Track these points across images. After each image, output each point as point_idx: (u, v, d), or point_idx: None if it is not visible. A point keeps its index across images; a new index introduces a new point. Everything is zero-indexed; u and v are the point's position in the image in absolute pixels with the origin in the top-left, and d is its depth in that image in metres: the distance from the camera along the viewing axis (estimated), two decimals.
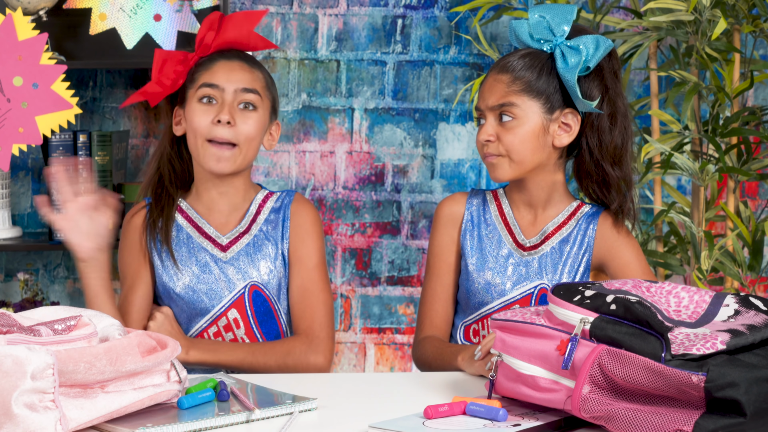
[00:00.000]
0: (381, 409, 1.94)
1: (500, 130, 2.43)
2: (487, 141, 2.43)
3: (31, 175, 3.70)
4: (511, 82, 2.43)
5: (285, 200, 2.58)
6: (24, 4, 3.33)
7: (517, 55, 2.45)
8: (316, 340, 2.48)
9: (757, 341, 1.78)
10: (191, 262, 2.52)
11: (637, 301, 1.80)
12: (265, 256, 2.53)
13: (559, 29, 2.43)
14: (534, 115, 2.43)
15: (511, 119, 2.42)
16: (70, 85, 3.19)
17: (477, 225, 2.52)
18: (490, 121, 2.44)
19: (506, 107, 2.42)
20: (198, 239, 2.53)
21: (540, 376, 1.85)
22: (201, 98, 2.50)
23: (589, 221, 2.50)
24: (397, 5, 3.80)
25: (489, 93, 2.44)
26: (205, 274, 2.51)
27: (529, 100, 2.42)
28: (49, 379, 1.71)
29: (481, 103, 2.46)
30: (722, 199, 3.65)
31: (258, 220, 2.56)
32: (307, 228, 2.55)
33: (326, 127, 3.81)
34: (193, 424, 1.83)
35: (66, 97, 3.13)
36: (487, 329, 2.48)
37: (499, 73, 2.45)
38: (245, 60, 2.54)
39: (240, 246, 2.53)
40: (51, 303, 3.62)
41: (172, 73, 2.52)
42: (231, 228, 2.55)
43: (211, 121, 2.48)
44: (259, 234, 2.54)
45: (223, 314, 2.51)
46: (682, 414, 1.70)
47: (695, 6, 3.19)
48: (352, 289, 3.83)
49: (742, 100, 3.43)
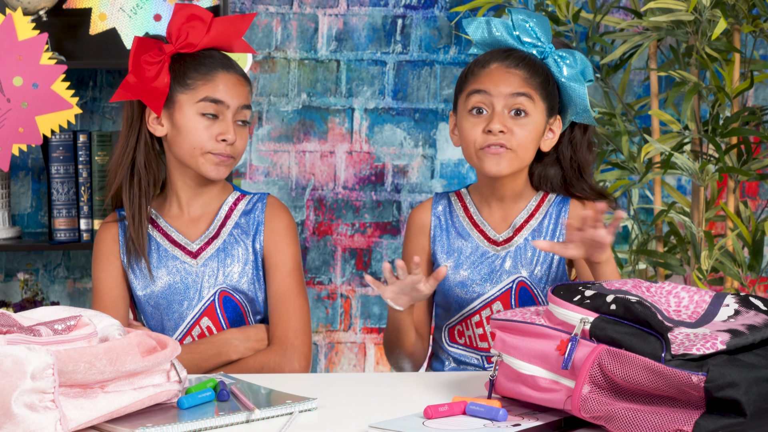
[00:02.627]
0: (381, 409, 1.94)
1: (513, 124, 2.42)
2: (501, 132, 2.42)
3: (31, 175, 3.70)
4: (528, 77, 2.42)
5: (257, 203, 2.56)
6: (24, 4, 3.33)
7: (522, 55, 2.45)
8: (291, 349, 2.47)
9: (757, 341, 1.78)
10: (163, 272, 2.51)
11: (637, 301, 1.80)
12: (234, 260, 2.51)
13: (545, 36, 2.46)
14: (540, 115, 2.44)
15: (524, 115, 2.42)
16: (70, 85, 3.19)
17: (445, 229, 2.53)
18: (503, 113, 2.42)
19: (523, 98, 2.41)
20: (168, 247, 2.52)
21: (540, 376, 1.85)
22: (204, 112, 2.48)
23: (560, 208, 2.51)
24: (397, 5, 3.80)
25: (503, 82, 2.42)
26: (176, 282, 2.50)
27: (541, 101, 2.43)
28: (49, 379, 1.71)
29: (492, 89, 2.42)
30: (722, 199, 3.65)
31: (227, 224, 2.54)
32: (281, 233, 2.54)
33: (326, 127, 3.81)
34: (193, 424, 1.83)
35: (66, 97, 3.13)
36: (471, 329, 2.49)
37: (510, 66, 2.43)
38: (240, 73, 2.52)
39: (211, 251, 2.52)
40: (51, 303, 3.62)
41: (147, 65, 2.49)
42: (200, 233, 2.53)
43: (215, 137, 2.47)
44: (229, 238, 2.53)
45: (196, 323, 2.50)
46: (682, 414, 1.70)
47: (695, 6, 3.19)
48: (352, 289, 3.83)
49: (742, 100, 3.43)
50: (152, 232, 2.53)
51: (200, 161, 2.48)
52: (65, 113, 3.14)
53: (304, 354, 2.48)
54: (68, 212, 3.43)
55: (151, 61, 2.48)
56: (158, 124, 2.51)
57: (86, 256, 3.72)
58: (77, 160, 3.42)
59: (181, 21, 2.49)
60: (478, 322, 2.48)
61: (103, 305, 2.53)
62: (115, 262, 2.53)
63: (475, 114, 2.43)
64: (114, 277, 2.54)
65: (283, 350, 2.47)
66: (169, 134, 2.50)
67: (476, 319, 2.48)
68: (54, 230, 3.43)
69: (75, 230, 3.44)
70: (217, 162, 2.48)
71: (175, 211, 2.54)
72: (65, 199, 3.43)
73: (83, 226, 3.43)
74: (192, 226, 2.54)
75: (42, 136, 3.15)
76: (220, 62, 2.51)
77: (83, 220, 3.43)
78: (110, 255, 2.54)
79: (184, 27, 2.49)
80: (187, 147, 2.48)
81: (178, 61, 2.49)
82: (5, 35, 3.13)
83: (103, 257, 2.55)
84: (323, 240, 3.82)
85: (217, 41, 2.52)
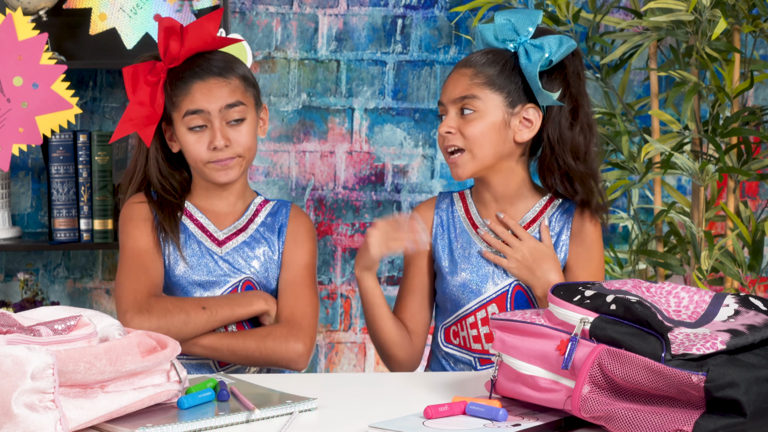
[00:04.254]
0: (381, 409, 1.94)
1: (461, 123, 2.44)
2: (447, 133, 2.44)
3: (31, 175, 3.70)
4: (473, 75, 2.44)
5: (281, 207, 2.62)
6: (24, 4, 3.33)
7: (481, 52, 2.49)
8: (297, 327, 2.49)
9: (757, 341, 1.78)
10: (187, 253, 2.53)
11: (637, 301, 1.80)
12: (258, 256, 2.55)
13: (524, 30, 2.47)
14: (495, 108, 2.44)
15: (472, 112, 2.43)
16: (70, 85, 3.19)
17: (446, 228, 2.53)
18: (452, 115, 2.45)
19: (468, 99, 2.44)
20: (195, 232, 2.55)
21: (540, 376, 1.85)
22: (190, 127, 2.51)
23: (565, 218, 2.50)
24: (397, 5, 3.80)
25: (452, 87, 2.46)
26: (200, 266, 2.53)
27: (491, 94, 2.44)
28: (49, 379, 1.71)
29: (444, 97, 2.47)
30: (722, 199, 3.65)
31: (255, 220, 2.59)
32: (302, 235, 2.59)
33: (326, 127, 3.81)
34: (193, 424, 1.83)
35: (66, 97, 3.13)
36: (465, 330, 2.49)
37: (462, 67, 2.47)
38: (218, 73, 2.52)
39: (236, 243, 2.55)
40: (51, 303, 3.62)
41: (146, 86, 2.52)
42: (228, 224, 2.57)
43: (207, 148, 2.50)
44: (256, 234, 2.57)
45: None
46: (682, 414, 1.70)
47: (695, 6, 3.19)
48: (352, 289, 3.83)
49: (742, 100, 3.43)
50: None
51: (206, 172, 2.53)
52: (65, 113, 3.14)
53: (310, 335, 2.49)
54: (68, 212, 3.43)
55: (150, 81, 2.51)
56: (173, 142, 2.57)
57: (86, 256, 3.72)
58: (77, 160, 3.42)
59: (162, 35, 2.52)
60: (473, 324, 2.48)
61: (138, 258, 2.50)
62: (150, 227, 2.53)
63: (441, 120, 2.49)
64: (149, 237, 2.53)
65: (289, 326, 2.49)
66: (182, 150, 2.55)
67: (471, 320, 2.48)
68: (54, 230, 3.43)
69: (75, 230, 3.44)
70: (219, 168, 2.52)
71: (202, 203, 2.57)
72: (65, 199, 3.43)
73: (83, 226, 3.43)
74: (219, 218, 2.57)
75: (42, 136, 3.15)
76: (195, 73, 2.52)
77: (83, 220, 3.43)
78: (145, 222, 2.54)
79: (164, 41, 2.51)
80: (191, 161, 2.55)
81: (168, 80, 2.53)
82: (5, 35, 3.13)
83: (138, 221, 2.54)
84: (323, 240, 3.82)
85: (196, 47, 2.53)
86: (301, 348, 2.47)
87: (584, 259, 2.49)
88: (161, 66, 2.52)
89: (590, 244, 2.50)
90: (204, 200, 2.58)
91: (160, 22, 2.51)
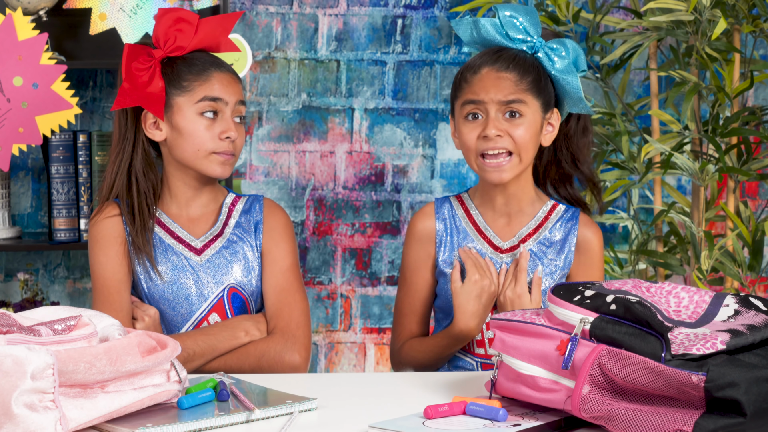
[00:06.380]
0: (381, 409, 1.94)
1: (509, 126, 2.42)
2: (498, 136, 2.42)
3: (31, 175, 3.70)
4: (518, 79, 2.42)
5: (254, 203, 2.58)
6: (24, 4, 3.33)
7: (512, 54, 2.45)
8: (292, 339, 2.48)
9: (757, 341, 1.78)
10: (167, 267, 2.51)
11: (637, 301, 1.80)
12: (239, 258, 2.53)
13: (534, 29, 2.45)
14: (536, 113, 2.44)
15: (520, 116, 2.42)
16: (70, 85, 3.19)
17: (450, 234, 2.52)
18: (497, 117, 2.43)
19: (516, 104, 2.41)
20: (172, 243, 2.52)
21: (540, 376, 1.85)
22: (204, 112, 2.49)
23: (569, 225, 2.50)
24: (397, 5, 3.80)
25: (494, 89, 2.42)
26: (182, 278, 2.51)
27: (534, 99, 2.43)
28: (49, 379, 1.71)
29: (485, 96, 2.42)
30: (722, 199, 3.65)
31: (230, 222, 2.55)
32: (280, 231, 2.56)
33: (326, 127, 3.81)
34: (193, 424, 1.83)
35: (66, 97, 3.13)
36: None
37: (501, 70, 2.43)
38: (231, 71, 2.54)
39: (214, 249, 2.53)
40: (51, 303, 3.62)
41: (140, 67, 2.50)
42: (204, 231, 2.55)
43: (218, 136, 2.48)
44: (232, 237, 2.54)
45: (205, 318, 2.51)
46: (682, 414, 1.70)
47: (695, 6, 3.19)
48: (352, 289, 3.83)
49: (742, 100, 3.43)
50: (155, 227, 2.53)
51: (205, 162, 2.49)
52: (65, 113, 3.14)
53: (305, 345, 2.49)
54: (68, 212, 3.43)
55: (141, 67, 2.48)
56: (156, 129, 2.51)
57: (86, 256, 3.72)
58: (77, 160, 3.42)
59: (168, 25, 2.50)
60: None
61: (106, 291, 2.50)
62: (118, 248, 2.51)
63: (471, 119, 2.44)
64: (116, 262, 2.51)
65: (284, 339, 2.48)
66: (169, 138, 2.50)
67: None
68: (54, 230, 3.43)
69: (75, 230, 3.44)
70: (222, 161, 2.49)
71: (175, 210, 2.55)
72: (65, 199, 3.43)
73: (83, 226, 3.43)
74: (193, 225, 2.54)
75: (42, 136, 3.15)
76: (212, 62, 2.52)
77: (83, 220, 3.43)
78: (113, 241, 2.51)
79: (171, 31, 2.50)
80: (191, 149, 2.49)
81: (169, 65, 2.50)
82: (5, 35, 3.13)
83: (105, 242, 2.51)
84: (323, 240, 3.82)
85: (206, 42, 2.53)
86: (298, 360, 2.47)
87: (588, 267, 2.50)
88: (158, 53, 2.50)
89: (593, 254, 2.51)
90: (175, 207, 2.54)
91: (166, 12, 2.50)
